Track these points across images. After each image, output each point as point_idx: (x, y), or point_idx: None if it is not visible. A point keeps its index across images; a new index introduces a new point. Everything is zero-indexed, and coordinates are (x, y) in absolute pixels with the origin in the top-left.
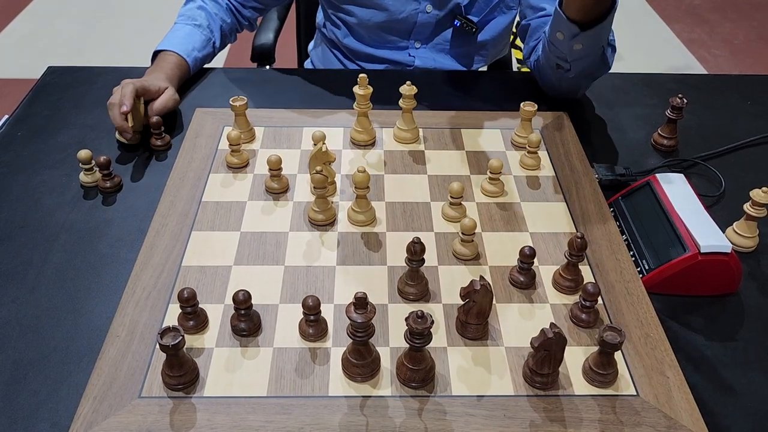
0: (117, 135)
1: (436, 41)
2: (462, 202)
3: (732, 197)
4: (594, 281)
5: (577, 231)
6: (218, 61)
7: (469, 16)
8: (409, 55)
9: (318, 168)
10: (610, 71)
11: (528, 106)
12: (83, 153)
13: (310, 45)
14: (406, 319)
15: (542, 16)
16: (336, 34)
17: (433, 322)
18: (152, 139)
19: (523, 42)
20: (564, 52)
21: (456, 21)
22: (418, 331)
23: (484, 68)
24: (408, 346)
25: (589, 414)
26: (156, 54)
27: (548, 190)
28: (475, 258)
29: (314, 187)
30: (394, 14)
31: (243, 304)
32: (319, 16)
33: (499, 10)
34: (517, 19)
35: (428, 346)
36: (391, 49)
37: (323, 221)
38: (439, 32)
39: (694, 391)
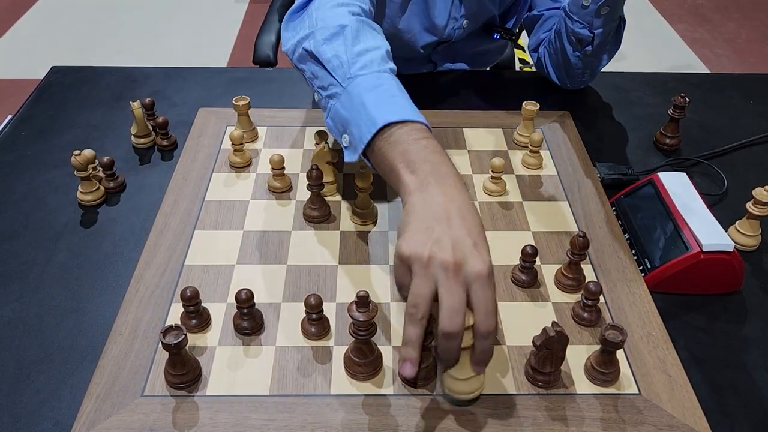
0: None
1: (461, 52)
2: None
3: (734, 196)
4: (596, 280)
5: (579, 230)
6: (221, 61)
7: (505, 26)
8: (431, 61)
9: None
10: (613, 70)
11: (530, 106)
12: (87, 152)
13: None
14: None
15: (557, 8)
16: None
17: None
18: (158, 139)
19: (529, 33)
20: (589, 21)
21: (495, 34)
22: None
23: (487, 67)
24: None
25: (591, 412)
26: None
27: (550, 189)
28: None
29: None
30: (437, 34)
31: (245, 302)
32: None
33: (527, 9)
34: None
35: (430, 344)
36: (417, 65)
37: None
38: (469, 43)
39: (697, 390)
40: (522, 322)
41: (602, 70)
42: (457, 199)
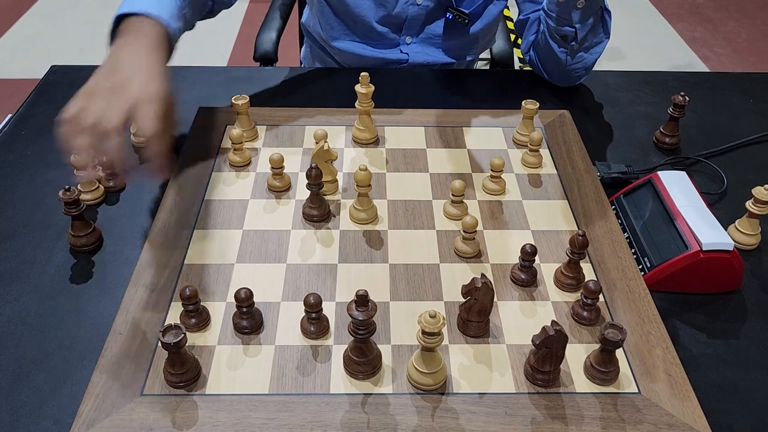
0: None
1: (426, 34)
2: (463, 200)
3: (734, 195)
4: (595, 279)
5: (578, 229)
6: (221, 60)
7: (460, 8)
8: (401, 52)
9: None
10: (612, 69)
11: (530, 104)
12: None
13: (302, 52)
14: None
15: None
16: (325, 36)
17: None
18: None
19: (520, 37)
20: (568, 17)
21: (448, 14)
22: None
23: (487, 66)
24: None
25: (590, 411)
26: (119, 22)
27: (550, 188)
28: (477, 256)
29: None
30: (388, 8)
31: (245, 302)
32: (305, 15)
33: (493, 2)
34: (515, 17)
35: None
36: (382, 48)
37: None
38: (429, 24)
39: (696, 389)
40: (521, 321)
41: (602, 69)
42: (127, 54)
